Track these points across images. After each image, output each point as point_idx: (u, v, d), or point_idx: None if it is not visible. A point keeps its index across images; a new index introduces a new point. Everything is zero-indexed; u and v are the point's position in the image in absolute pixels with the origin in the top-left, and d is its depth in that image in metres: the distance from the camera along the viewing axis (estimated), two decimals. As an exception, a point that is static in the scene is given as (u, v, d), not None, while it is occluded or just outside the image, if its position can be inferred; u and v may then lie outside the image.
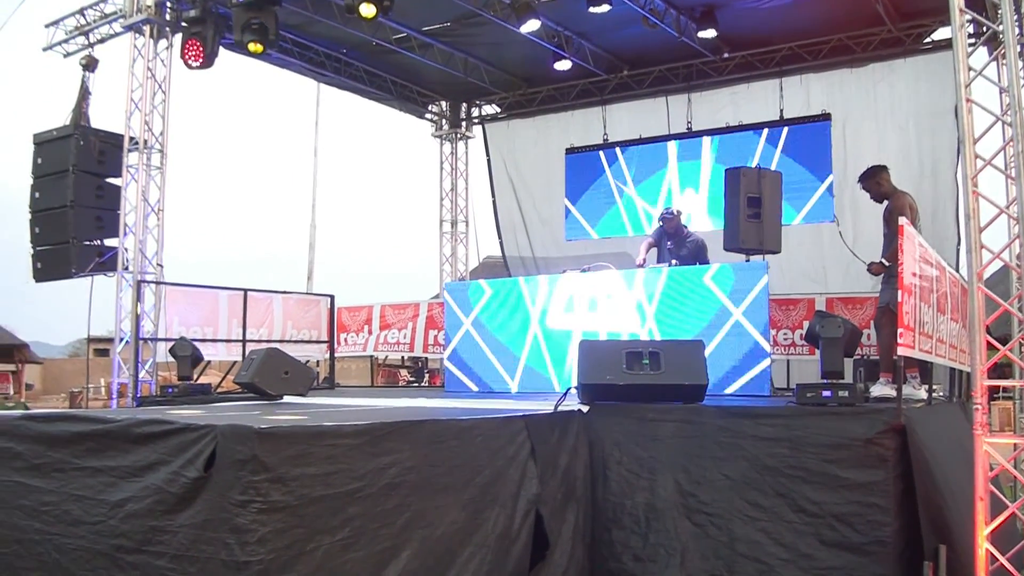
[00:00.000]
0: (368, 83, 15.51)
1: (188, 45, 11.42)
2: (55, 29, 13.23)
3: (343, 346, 14.27)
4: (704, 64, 14.07)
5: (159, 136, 11.84)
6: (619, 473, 5.84)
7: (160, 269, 11.54)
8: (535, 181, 16.11)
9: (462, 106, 17.50)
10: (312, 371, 9.13)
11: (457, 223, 17.37)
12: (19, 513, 4.74)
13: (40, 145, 12.36)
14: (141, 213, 11.59)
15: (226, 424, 3.76)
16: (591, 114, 15.45)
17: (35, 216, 12.29)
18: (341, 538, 3.89)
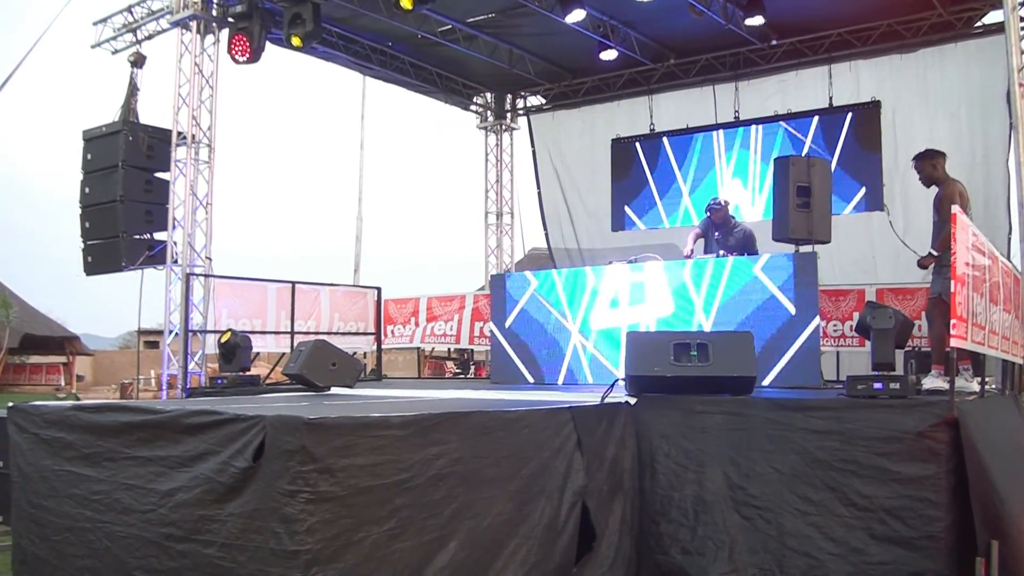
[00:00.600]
0: (413, 76, 15.54)
1: (235, 40, 11.54)
2: (103, 26, 13.42)
3: (390, 338, 14.34)
4: (751, 52, 13.89)
5: (207, 131, 11.98)
6: (667, 465, 5.80)
7: (209, 262, 11.68)
8: (581, 172, 16.05)
9: (507, 97, 17.47)
10: (359, 363, 9.19)
11: (502, 215, 17.36)
12: (70, 502, 4.84)
13: (89, 141, 12.57)
14: (190, 207, 11.73)
15: (275, 415, 3.80)
16: (637, 104, 15.34)
17: (85, 211, 12.51)
18: (388, 528, 3.91)
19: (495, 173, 17.41)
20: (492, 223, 17.34)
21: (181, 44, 12.03)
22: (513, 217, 17.40)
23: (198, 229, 11.81)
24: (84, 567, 4.67)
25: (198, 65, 11.94)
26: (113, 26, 13.29)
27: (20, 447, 5.46)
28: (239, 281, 11.05)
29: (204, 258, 11.69)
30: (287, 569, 3.58)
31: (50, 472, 5.08)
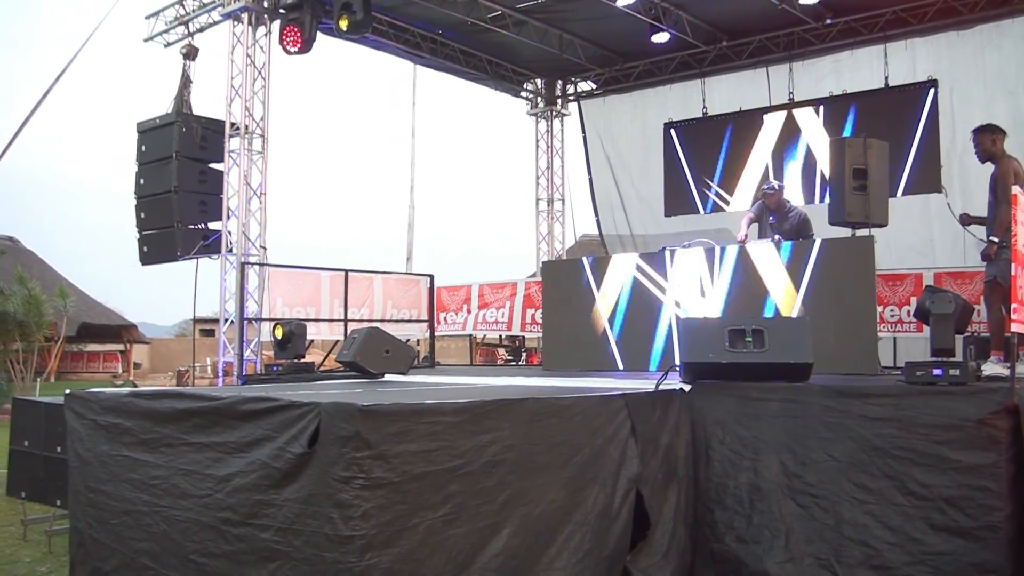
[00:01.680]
0: (463, 63, 15.55)
1: (286, 31, 11.64)
2: (155, 20, 13.63)
3: (442, 325, 14.40)
4: (805, 31, 13.67)
5: (259, 121, 12.10)
6: (722, 453, 5.73)
7: (263, 251, 11.81)
8: (632, 157, 15.95)
9: (557, 83, 17.42)
10: (413, 350, 9.24)
11: (553, 201, 17.32)
12: (128, 486, 4.93)
13: (143, 133, 12.78)
14: (244, 197, 11.87)
15: (330, 401, 3.81)
16: (690, 87, 15.21)
17: (140, 202, 12.74)
18: (443, 514, 3.91)
19: (546, 160, 17.38)
20: (543, 210, 17.32)
21: (233, 36, 12.16)
22: (564, 204, 17.37)
23: (252, 218, 11.95)
24: (142, 550, 4.74)
25: (250, 56, 12.06)
26: (165, 19, 13.50)
27: (78, 433, 5.56)
28: (293, 269, 11.17)
29: (259, 247, 11.83)
30: (342, 554, 3.60)
31: (108, 457, 5.16)
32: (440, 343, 13.94)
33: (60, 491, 7.59)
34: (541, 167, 17.42)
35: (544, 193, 17.34)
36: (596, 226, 16.74)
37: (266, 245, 11.90)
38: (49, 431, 8.20)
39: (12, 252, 30.65)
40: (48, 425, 8.25)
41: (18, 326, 21.10)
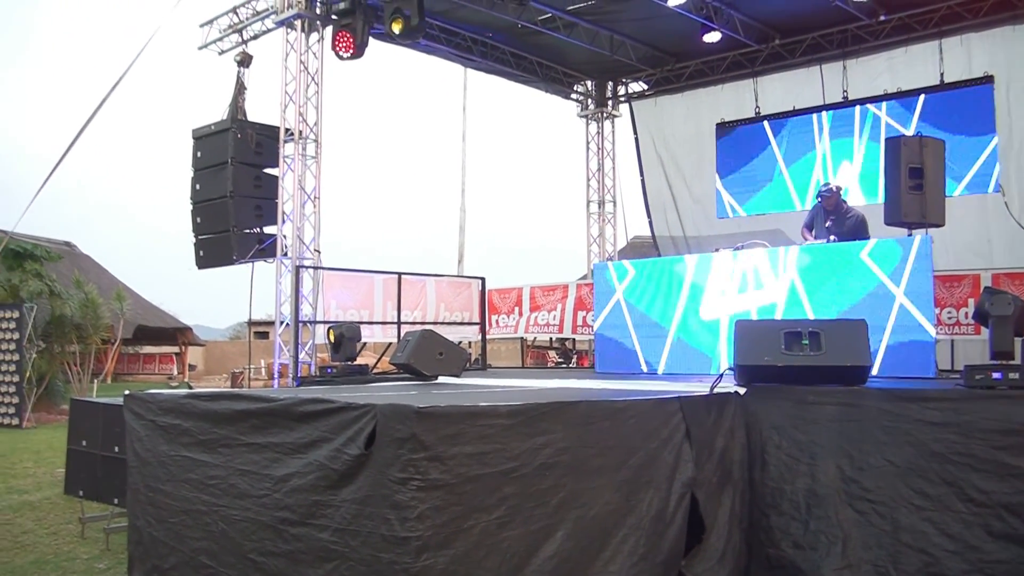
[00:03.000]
0: (514, 66, 15.58)
1: (339, 37, 11.75)
2: (209, 28, 13.82)
3: (494, 328, 14.42)
4: (859, 28, 13.46)
5: (313, 126, 12.23)
6: (778, 457, 5.67)
7: (318, 255, 11.93)
8: (685, 158, 15.84)
9: (608, 85, 17.38)
10: (466, 352, 9.26)
11: (604, 203, 17.28)
12: (187, 486, 5.00)
13: (199, 139, 12.99)
14: (298, 201, 12.01)
15: (386, 403, 3.84)
16: (742, 87, 15.07)
17: (196, 207, 12.94)
18: (497, 516, 3.91)
19: (597, 161, 17.34)
20: (594, 212, 17.28)
21: (286, 43, 12.31)
22: (616, 205, 17.31)
23: (307, 222, 12.08)
24: (200, 548, 4.81)
25: (303, 63, 12.20)
26: (219, 27, 13.68)
27: (137, 433, 5.64)
28: (347, 273, 11.26)
29: (313, 251, 11.95)
30: (398, 555, 3.62)
31: (167, 457, 5.25)
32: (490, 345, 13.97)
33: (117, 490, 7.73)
34: (592, 169, 17.39)
35: (595, 195, 17.30)
36: (648, 227, 16.64)
37: (320, 249, 12.02)
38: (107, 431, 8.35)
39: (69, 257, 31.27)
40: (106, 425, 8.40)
41: (75, 329, 21.50)
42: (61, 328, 21.01)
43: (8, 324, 18.08)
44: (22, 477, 10.91)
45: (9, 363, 17.87)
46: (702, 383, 6.36)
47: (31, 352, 18.40)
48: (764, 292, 8.62)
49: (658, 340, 9.32)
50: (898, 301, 7.77)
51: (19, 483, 10.44)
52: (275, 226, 12.33)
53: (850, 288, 8.08)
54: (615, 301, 9.72)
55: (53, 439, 14.45)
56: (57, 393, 20.52)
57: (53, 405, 20.01)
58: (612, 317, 9.75)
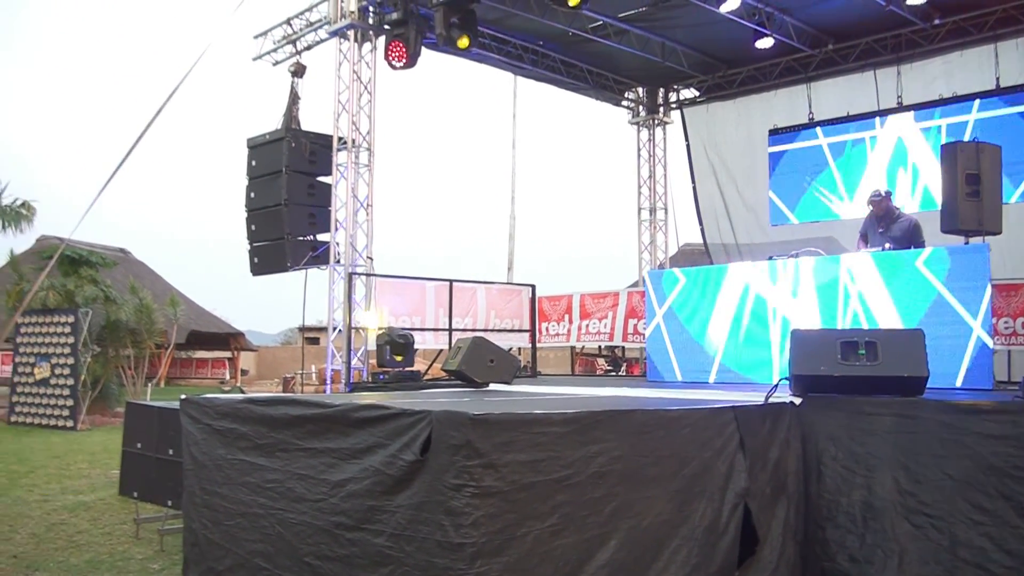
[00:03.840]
0: (565, 73, 15.61)
1: (391, 47, 11.85)
2: (264, 39, 14.04)
3: (544, 335, 14.43)
4: (914, 33, 13.30)
5: (366, 135, 12.34)
6: (834, 469, 5.58)
7: (370, 262, 12.03)
8: (737, 165, 15.75)
9: (659, 91, 17.34)
10: (517, 359, 9.28)
11: (656, 210, 17.22)
12: (244, 489, 5.05)
13: (254, 148, 13.18)
14: (351, 209, 12.13)
15: (441, 410, 3.85)
16: (795, 93, 14.95)
17: (251, 214, 13.13)
18: (550, 524, 3.90)
19: (648, 168, 17.30)
20: (646, 219, 17.23)
21: (340, 53, 12.45)
22: (667, 212, 17.24)
23: (359, 230, 12.19)
24: (256, 551, 4.86)
25: (356, 72, 12.32)
26: (273, 39, 13.89)
27: (193, 436, 5.71)
28: (399, 280, 11.34)
29: (366, 258, 12.06)
30: (453, 561, 3.63)
31: (224, 461, 5.31)
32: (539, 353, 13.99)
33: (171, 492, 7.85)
34: (643, 176, 17.34)
35: (647, 202, 17.25)
36: (700, 235, 16.56)
37: (373, 256, 12.12)
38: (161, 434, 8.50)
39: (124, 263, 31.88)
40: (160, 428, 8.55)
41: (130, 333, 21.88)
42: (116, 333, 21.40)
43: (64, 328, 18.49)
44: (77, 478, 11.12)
45: (64, 366, 18.26)
46: (756, 393, 6.29)
47: (86, 356, 18.78)
48: (822, 301, 8.52)
49: (713, 348, 9.26)
50: (955, 310, 7.63)
51: (74, 484, 10.65)
52: (328, 233, 12.46)
53: (907, 297, 7.96)
54: (668, 309, 9.66)
55: (107, 441, 14.74)
56: (111, 396, 20.91)
57: (107, 408, 20.41)
58: (665, 325, 9.70)
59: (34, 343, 19.00)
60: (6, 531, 8.07)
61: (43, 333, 18.85)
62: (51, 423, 18.06)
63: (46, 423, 18.15)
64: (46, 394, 18.43)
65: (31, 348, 19.05)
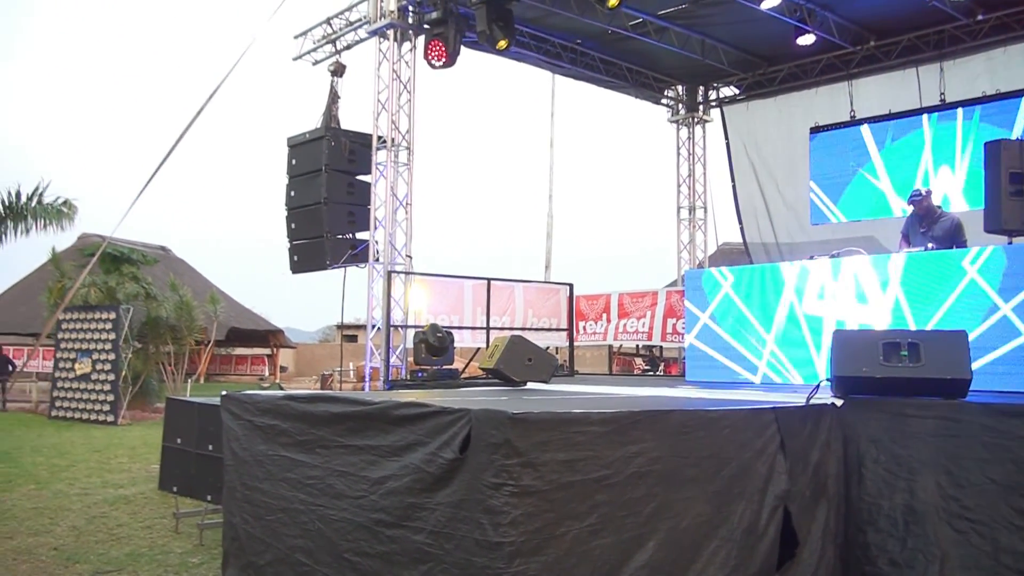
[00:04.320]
0: (604, 72, 15.57)
1: (431, 46, 11.89)
2: (304, 39, 14.15)
3: (582, 334, 14.40)
4: (956, 29, 13.09)
5: (405, 134, 12.39)
6: (876, 472, 5.51)
7: (409, 260, 12.07)
8: (778, 164, 15.61)
9: (699, 89, 17.24)
10: (555, 358, 9.27)
11: (695, 209, 17.12)
12: (284, 485, 5.09)
13: (294, 147, 13.30)
14: (390, 208, 12.18)
15: (480, 408, 3.85)
16: (837, 90, 14.77)
17: (291, 213, 13.25)
18: (589, 524, 3.89)
19: (687, 167, 17.21)
20: (684, 218, 17.14)
21: (379, 52, 12.52)
22: (706, 211, 17.13)
23: (398, 228, 12.25)
24: (296, 546, 4.90)
25: (396, 72, 12.38)
26: (313, 38, 13.99)
27: (234, 432, 5.76)
28: (437, 278, 11.37)
29: (404, 256, 12.11)
30: (491, 560, 3.63)
31: (264, 456, 5.35)
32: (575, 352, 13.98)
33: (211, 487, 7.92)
34: (682, 175, 17.25)
35: (685, 201, 17.16)
36: (740, 234, 16.44)
37: (411, 254, 12.17)
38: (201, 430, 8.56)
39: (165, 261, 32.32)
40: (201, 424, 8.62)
41: (170, 330, 22.19)
42: (156, 329, 21.71)
43: (105, 325, 18.79)
44: (117, 472, 11.29)
45: (105, 362, 18.55)
46: (797, 394, 6.23)
47: (127, 352, 19.09)
48: (863, 301, 8.43)
49: (753, 349, 9.19)
50: (1001, 311, 7.51)
51: (114, 478, 10.81)
52: (367, 232, 12.53)
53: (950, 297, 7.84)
54: (710, 309, 9.61)
55: (147, 436, 14.95)
56: (151, 392, 21.22)
57: (147, 403, 20.72)
58: (706, 325, 9.65)
59: (76, 339, 19.32)
60: (47, 523, 8.21)
61: (85, 329, 19.17)
62: (92, 418, 18.36)
63: (87, 418, 18.45)
64: (87, 389, 18.74)
65: (72, 344, 19.38)
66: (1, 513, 8.66)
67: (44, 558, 6.98)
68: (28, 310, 29.58)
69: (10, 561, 6.87)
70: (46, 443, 14.40)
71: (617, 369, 18.57)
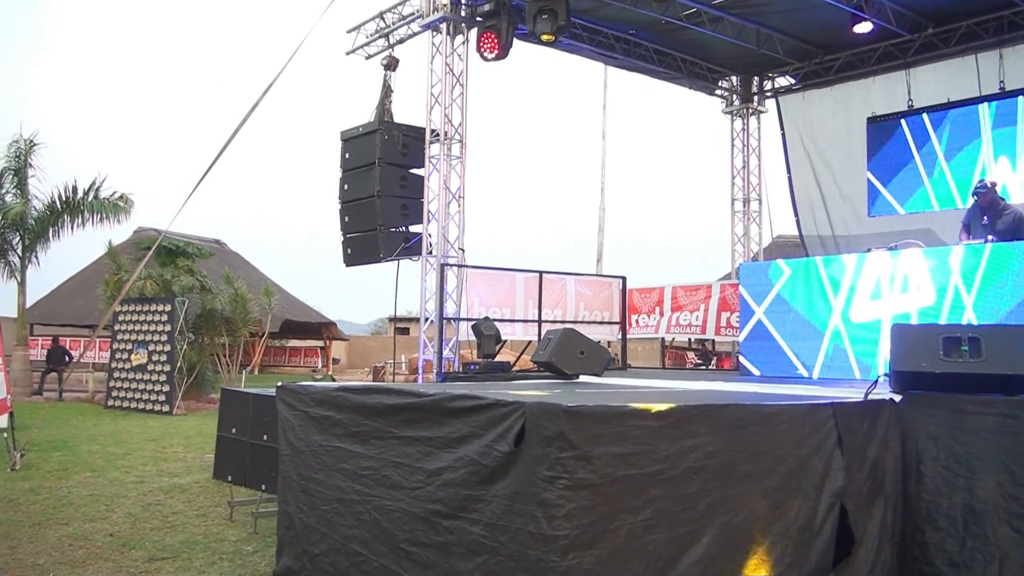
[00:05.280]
0: (657, 63, 15.44)
1: (483, 38, 11.89)
2: (356, 34, 14.24)
3: (634, 328, 14.34)
4: (1016, 15, 12.75)
5: (458, 127, 12.41)
6: (934, 469, 5.41)
7: (462, 253, 12.10)
8: (834, 154, 15.36)
9: (754, 80, 17.02)
10: (607, 352, 9.24)
11: (749, 201, 16.93)
12: (340, 475, 5.15)
13: (347, 141, 13.41)
14: (443, 200, 12.21)
15: (534, 401, 3.86)
16: (894, 79, 14.50)
17: (344, 206, 13.38)
18: (643, 519, 3.88)
19: (742, 158, 17.01)
20: (739, 210, 16.95)
21: (432, 45, 12.54)
22: (761, 203, 16.93)
23: (451, 221, 12.27)
24: (352, 536, 4.95)
25: (449, 65, 12.39)
26: (366, 33, 14.08)
27: (290, 423, 5.83)
28: (490, 271, 11.38)
29: (457, 249, 12.13)
30: (545, 553, 3.63)
31: (319, 447, 5.41)
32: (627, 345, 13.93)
33: (265, 476, 8.05)
34: (737, 166, 17.06)
35: (740, 193, 16.97)
36: (796, 226, 16.23)
37: (464, 247, 12.20)
38: (256, 420, 8.70)
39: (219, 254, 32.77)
40: (255, 414, 8.76)
41: (225, 322, 22.51)
42: (211, 321, 22.03)
43: (160, 317, 19.14)
44: (173, 461, 11.49)
45: (161, 353, 18.90)
46: (855, 389, 6.14)
47: (182, 343, 19.40)
48: (923, 295, 8.26)
49: (811, 343, 9.05)
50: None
51: (170, 467, 11.00)
52: (420, 225, 12.58)
53: (1013, 292, 7.66)
54: (766, 302, 9.48)
55: (202, 426, 15.20)
56: (206, 383, 21.56)
57: (202, 394, 21.06)
58: (762, 318, 9.52)
59: (132, 330, 19.71)
60: (103, 510, 8.39)
61: (141, 321, 19.55)
62: (147, 407, 18.72)
63: (142, 407, 18.82)
64: (142, 379, 19.12)
65: (129, 335, 19.76)
66: (58, 500, 8.86)
67: (100, 544, 7.13)
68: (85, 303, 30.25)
69: (66, 546, 7.02)
70: (102, 432, 14.70)
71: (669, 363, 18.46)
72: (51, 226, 22.57)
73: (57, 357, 23.40)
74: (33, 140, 22.46)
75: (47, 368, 23.26)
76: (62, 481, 9.87)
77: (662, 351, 17.32)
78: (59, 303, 32.30)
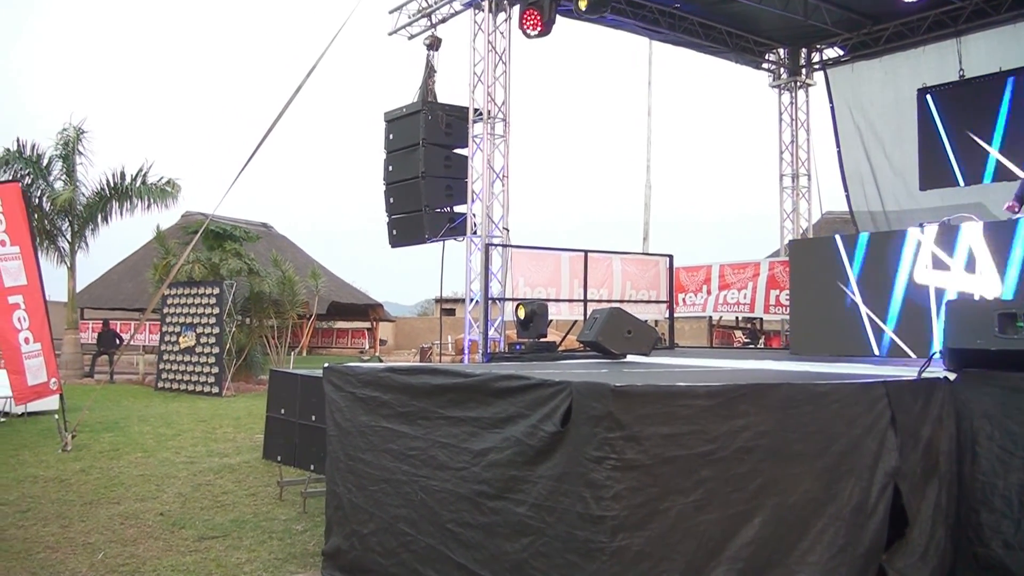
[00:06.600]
0: (703, 36, 15.23)
1: (526, 15, 11.81)
2: (399, 14, 14.23)
3: (681, 306, 14.22)
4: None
5: (501, 106, 12.35)
6: (990, 449, 5.27)
7: (506, 232, 12.07)
8: (885, 127, 15.05)
9: (801, 52, 16.72)
10: (655, 331, 9.14)
11: (798, 177, 16.68)
12: (387, 456, 5.16)
13: (391, 122, 13.41)
14: (487, 180, 12.19)
15: (581, 381, 3.82)
16: (944, 48, 14.14)
17: (389, 187, 13.39)
18: (694, 500, 3.83)
19: (790, 133, 16.76)
20: (787, 186, 16.71)
21: (474, 24, 12.49)
22: (810, 179, 16.67)
23: (495, 201, 12.25)
24: (399, 516, 4.97)
25: (491, 43, 12.33)
26: (408, 13, 14.07)
27: (337, 404, 5.85)
28: (534, 250, 11.34)
29: (502, 228, 12.11)
30: (593, 533, 3.61)
31: (367, 427, 5.43)
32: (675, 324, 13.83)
33: (314, 457, 8.11)
34: (785, 141, 16.82)
35: (788, 168, 16.73)
36: (846, 202, 15.95)
37: (509, 227, 12.17)
38: (304, 401, 8.78)
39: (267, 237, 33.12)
40: (304, 395, 8.83)
41: (273, 304, 22.73)
42: (259, 304, 22.27)
43: (209, 300, 19.38)
44: (222, 441, 11.63)
45: (210, 336, 19.14)
46: (908, 367, 6.01)
47: (231, 326, 19.64)
48: (981, 270, 8.05)
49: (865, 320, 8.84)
50: None
51: (220, 447, 11.13)
52: (465, 205, 12.58)
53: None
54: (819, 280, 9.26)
55: (251, 407, 15.38)
56: (255, 364, 21.82)
57: (251, 375, 21.33)
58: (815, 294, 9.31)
59: (180, 313, 19.99)
60: (153, 490, 8.51)
61: (189, 304, 19.81)
62: (196, 389, 19.00)
63: (192, 389, 19.11)
64: (191, 362, 19.39)
65: (177, 318, 20.05)
66: (109, 479, 9.00)
67: (150, 523, 7.24)
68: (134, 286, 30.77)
69: (117, 525, 7.14)
70: (153, 413, 14.94)
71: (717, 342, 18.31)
72: (100, 212, 22.99)
73: (108, 340, 23.82)
74: (81, 128, 22.82)
75: (98, 351, 23.71)
76: (113, 461, 10.04)
77: (709, 330, 17.16)
78: (109, 287, 32.87)
